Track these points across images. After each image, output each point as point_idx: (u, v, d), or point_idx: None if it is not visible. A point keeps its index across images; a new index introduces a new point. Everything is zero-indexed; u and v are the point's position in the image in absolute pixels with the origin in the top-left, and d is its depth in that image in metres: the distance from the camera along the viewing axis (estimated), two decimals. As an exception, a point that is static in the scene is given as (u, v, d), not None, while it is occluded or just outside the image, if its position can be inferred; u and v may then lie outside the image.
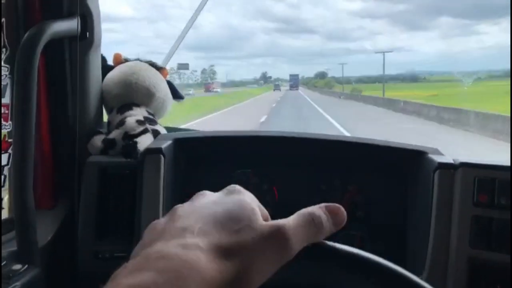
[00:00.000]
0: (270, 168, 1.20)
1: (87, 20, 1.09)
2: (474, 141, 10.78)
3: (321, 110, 21.90)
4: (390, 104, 21.65)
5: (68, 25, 1.04)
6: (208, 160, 1.20)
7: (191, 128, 1.57)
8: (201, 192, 0.48)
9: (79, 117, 1.13)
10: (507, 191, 0.96)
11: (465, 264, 0.95)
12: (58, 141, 1.12)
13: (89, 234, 1.07)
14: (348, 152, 1.18)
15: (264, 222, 0.41)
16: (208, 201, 0.45)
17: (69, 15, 1.06)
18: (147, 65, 1.27)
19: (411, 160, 1.10)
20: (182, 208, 0.44)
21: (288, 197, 1.18)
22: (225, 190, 0.47)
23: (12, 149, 1.00)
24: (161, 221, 0.42)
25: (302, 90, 67.50)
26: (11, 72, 1.02)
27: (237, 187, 0.47)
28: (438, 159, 1.03)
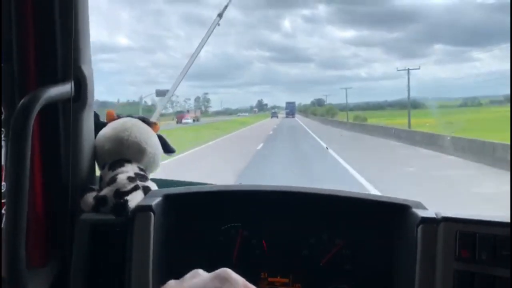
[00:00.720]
0: (260, 221, 1.23)
1: (81, 83, 1.14)
2: None
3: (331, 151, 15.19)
4: (430, 141, 14.77)
5: (63, 89, 1.08)
6: (198, 215, 1.23)
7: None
8: (194, 272, 0.51)
9: (72, 174, 1.16)
10: (488, 246, 0.98)
11: None
12: (51, 199, 1.15)
13: None
14: (336, 206, 1.21)
15: None
16: (196, 286, 0.48)
17: (64, 79, 1.11)
18: (138, 121, 1.31)
19: (395, 214, 1.13)
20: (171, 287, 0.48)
21: (277, 250, 1.21)
22: (216, 275, 0.50)
23: (5, 210, 1.02)
24: None
25: (299, 118, 60.44)
26: (6, 135, 1.06)
27: (227, 273, 0.50)
28: (421, 213, 1.06)
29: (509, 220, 1.00)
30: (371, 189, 8.48)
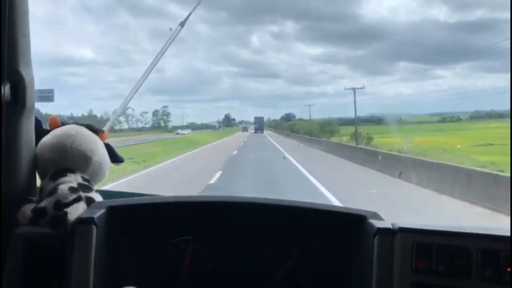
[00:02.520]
0: (211, 235, 1.17)
1: (19, 86, 1.06)
2: None
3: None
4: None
5: None
6: (146, 228, 1.15)
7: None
8: None
9: (9, 184, 1.07)
10: (445, 257, 0.96)
11: None
12: None
13: None
14: (291, 216, 1.17)
15: None
16: None
17: None
18: (83, 128, 1.23)
19: (351, 225, 1.10)
20: None
21: (230, 264, 1.15)
22: None
23: None
24: None
25: (270, 135, 54.31)
26: None
27: None
28: (377, 224, 1.03)
29: (463, 230, 0.98)
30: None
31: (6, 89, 1.03)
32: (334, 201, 8.80)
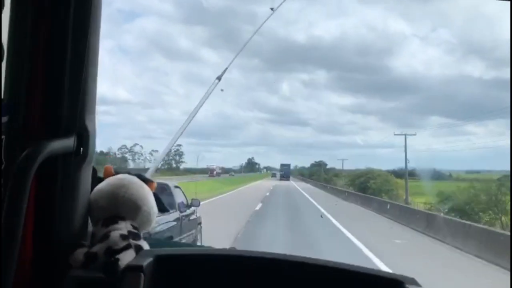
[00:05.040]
0: None
1: (83, 137, 1.15)
2: None
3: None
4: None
5: (65, 143, 1.10)
6: (191, 278, 1.20)
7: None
8: None
9: (65, 229, 1.15)
10: None
11: None
12: (41, 253, 1.13)
13: None
14: (328, 277, 1.19)
15: None
16: None
17: (67, 133, 1.12)
18: (135, 178, 1.31)
19: None
20: None
21: None
22: None
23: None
24: None
25: (302, 188, 44.06)
26: (5, 187, 1.05)
27: None
28: None
29: None
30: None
31: (75, 140, 1.12)
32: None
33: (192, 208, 9.57)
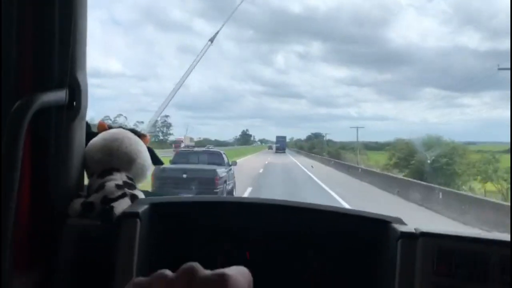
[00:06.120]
0: (246, 233, 1.24)
1: (75, 91, 1.17)
2: None
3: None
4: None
5: (57, 95, 1.11)
6: (185, 224, 1.24)
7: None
8: (160, 272, 0.51)
9: (61, 180, 1.18)
10: (465, 261, 1.01)
11: None
12: (39, 203, 1.16)
13: None
14: (318, 219, 1.23)
15: None
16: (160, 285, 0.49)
17: (59, 86, 1.14)
18: (129, 133, 1.34)
19: (376, 229, 1.16)
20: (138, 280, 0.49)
21: (261, 263, 1.21)
22: (182, 272, 0.50)
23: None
24: None
25: (301, 162, 35.19)
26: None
27: (194, 268, 0.50)
28: (400, 228, 1.09)
29: (484, 237, 1.04)
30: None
31: (66, 93, 1.14)
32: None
33: (232, 166, 14.10)
